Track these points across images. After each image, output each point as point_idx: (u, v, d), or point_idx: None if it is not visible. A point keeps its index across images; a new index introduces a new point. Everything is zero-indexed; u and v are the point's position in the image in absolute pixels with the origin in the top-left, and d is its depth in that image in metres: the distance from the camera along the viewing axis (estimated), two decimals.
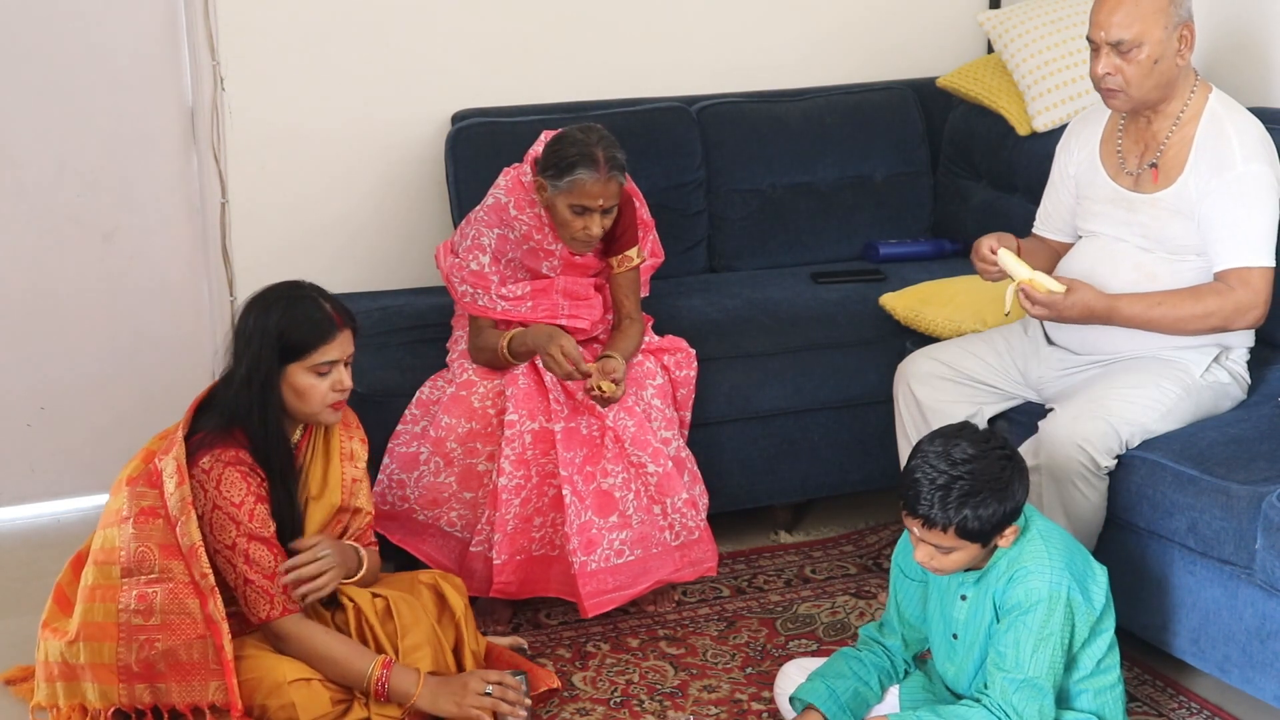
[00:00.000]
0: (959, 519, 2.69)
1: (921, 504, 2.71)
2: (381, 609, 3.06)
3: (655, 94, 4.53)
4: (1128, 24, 3.26)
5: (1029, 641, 2.74)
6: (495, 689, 2.93)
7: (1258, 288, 3.29)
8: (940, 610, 2.92)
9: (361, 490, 3.16)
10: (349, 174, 4.35)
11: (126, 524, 2.95)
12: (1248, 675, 3.05)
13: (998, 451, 2.75)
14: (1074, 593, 2.77)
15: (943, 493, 2.70)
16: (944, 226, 4.64)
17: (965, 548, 2.75)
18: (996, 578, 2.81)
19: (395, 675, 2.94)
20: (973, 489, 2.69)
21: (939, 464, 2.72)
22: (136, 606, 2.89)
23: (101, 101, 4.19)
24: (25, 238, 4.20)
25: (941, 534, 2.73)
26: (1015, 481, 2.74)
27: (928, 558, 2.78)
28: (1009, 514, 2.74)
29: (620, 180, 3.46)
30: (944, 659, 2.94)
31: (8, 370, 4.25)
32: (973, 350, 3.59)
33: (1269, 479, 3.02)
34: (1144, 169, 3.41)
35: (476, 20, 4.39)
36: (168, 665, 2.89)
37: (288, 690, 2.89)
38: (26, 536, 4.18)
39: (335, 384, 3.01)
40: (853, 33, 4.80)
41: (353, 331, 3.05)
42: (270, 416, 2.97)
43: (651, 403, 3.54)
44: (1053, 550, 2.79)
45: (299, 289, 3.04)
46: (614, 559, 3.46)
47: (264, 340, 2.95)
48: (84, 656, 2.94)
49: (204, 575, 2.88)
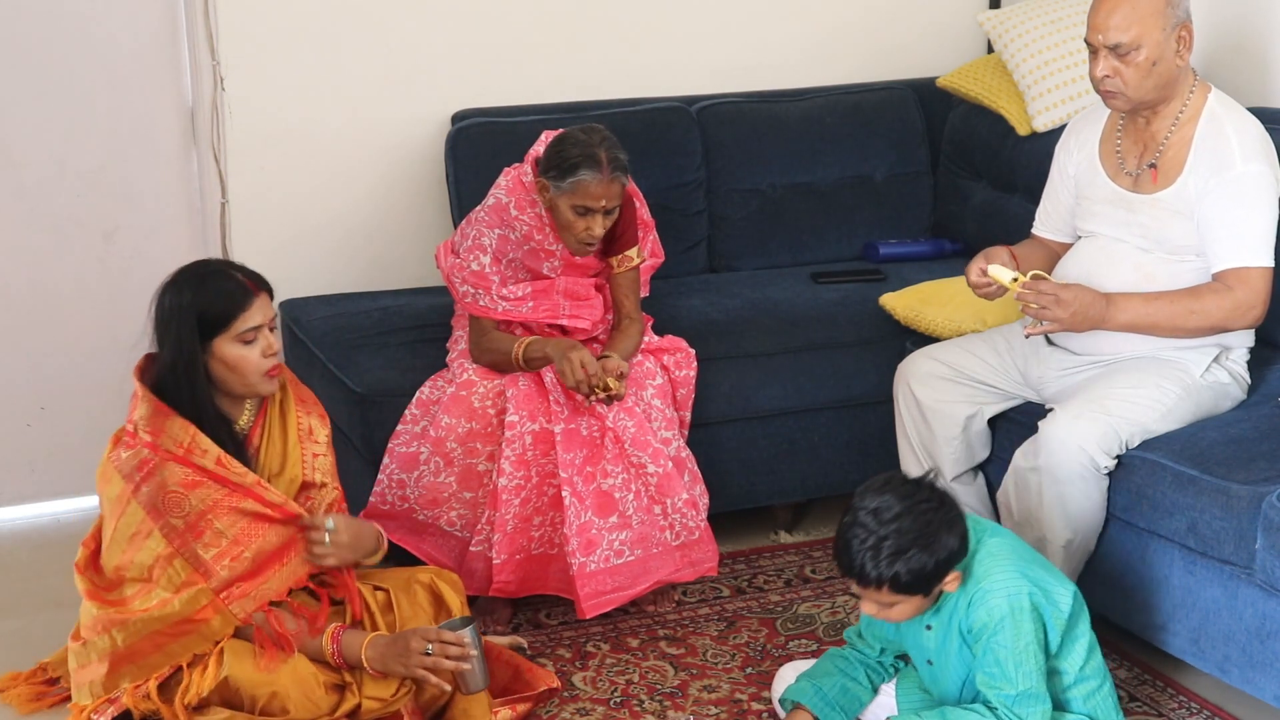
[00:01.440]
0: (890, 575, 2.70)
1: (854, 564, 2.72)
2: (383, 601, 3.07)
3: (655, 94, 4.53)
4: (1125, 26, 3.26)
5: (1009, 659, 2.74)
6: (435, 647, 2.92)
7: (1256, 288, 3.28)
8: (911, 639, 2.93)
9: (323, 465, 3.14)
10: (349, 174, 4.35)
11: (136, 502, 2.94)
12: (1248, 675, 3.05)
13: (924, 505, 2.73)
14: (1035, 596, 2.76)
15: (872, 552, 2.70)
16: (944, 226, 4.64)
17: (906, 600, 2.75)
18: (957, 606, 2.81)
19: (344, 641, 2.95)
20: (899, 546, 2.69)
21: (868, 521, 2.72)
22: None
23: (101, 101, 4.19)
24: (25, 238, 4.20)
25: (877, 591, 2.73)
26: (943, 532, 2.72)
27: (874, 611, 2.79)
28: (941, 564, 2.73)
29: (623, 181, 3.46)
30: (926, 679, 2.96)
31: (8, 370, 4.25)
32: (973, 350, 3.59)
33: (1269, 479, 3.02)
34: (1143, 169, 3.41)
35: (476, 20, 4.39)
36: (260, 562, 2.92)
37: (279, 682, 2.89)
38: (26, 536, 4.18)
39: (265, 349, 2.99)
40: (853, 33, 4.80)
41: (269, 295, 3.03)
42: (200, 396, 2.95)
43: (651, 403, 3.54)
44: (1003, 564, 2.78)
45: (206, 265, 3.04)
46: (613, 559, 3.46)
47: (182, 320, 2.93)
48: (179, 606, 2.91)
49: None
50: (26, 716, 3.22)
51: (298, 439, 3.11)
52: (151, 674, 2.93)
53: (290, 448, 3.10)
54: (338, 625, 2.99)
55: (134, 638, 2.92)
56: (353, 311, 4.01)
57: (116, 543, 2.95)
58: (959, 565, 2.77)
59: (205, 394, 2.97)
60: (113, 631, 2.93)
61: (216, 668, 2.90)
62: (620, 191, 3.47)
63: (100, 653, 2.95)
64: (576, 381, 3.36)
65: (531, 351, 3.47)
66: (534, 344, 3.47)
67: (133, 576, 2.94)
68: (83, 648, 2.99)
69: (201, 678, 2.90)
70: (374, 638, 2.96)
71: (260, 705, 2.91)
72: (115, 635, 2.93)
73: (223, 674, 2.89)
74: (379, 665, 2.94)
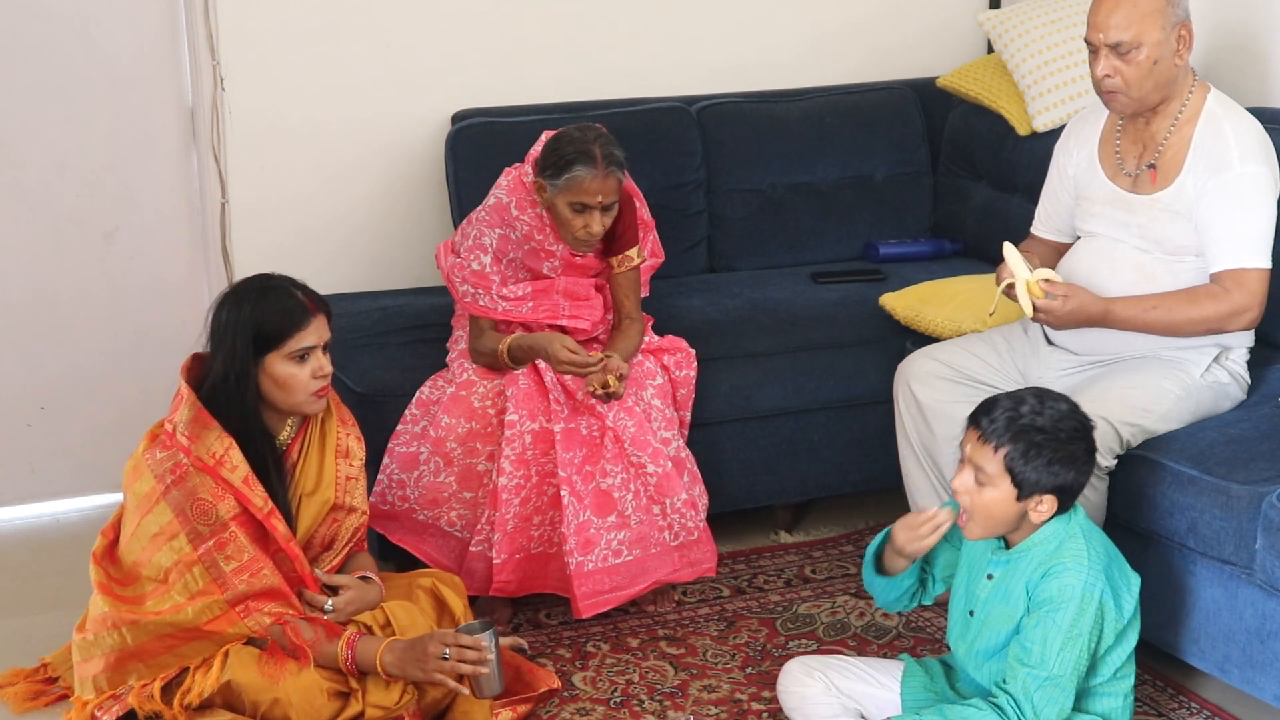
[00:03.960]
0: (1010, 447, 2.74)
1: (992, 411, 2.78)
2: (382, 618, 3.06)
3: (655, 94, 4.53)
4: (1126, 25, 3.26)
5: (1057, 638, 2.74)
6: (453, 651, 2.92)
7: (1253, 289, 3.28)
8: (965, 584, 2.93)
9: (356, 489, 3.15)
10: (349, 174, 4.35)
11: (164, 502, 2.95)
12: (1248, 675, 3.05)
13: (1080, 432, 2.79)
14: (1106, 596, 2.77)
15: (1012, 414, 2.76)
16: (944, 226, 4.64)
17: (1001, 488, 2.76)
18: (1031, 566, 2.80)
19: (360, 647, 2.95)
20: (1038, 426, 2.75)
21: (1029, 398, 2.80)
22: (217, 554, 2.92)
23: (101, 101, 4.19)
24: (25, 238, 4.20)
25: (991, 454, 2.76)
26: (1078, 461, 2.77)
27: (963, 485, 2.80)
28: (1052, 473, 2.75)
29: (618, 176, 3.46)
30: (957, 636, 2.95)
31: (8, 370, 4.25)
32: (973, 350, 3.59)
33: (1269, 479, 3.02)
34: (1142, 170, 3.41)
35: (476, 20, 4.39)
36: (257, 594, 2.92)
37: (281, 689, 2.89)
38: (26, 536, 4.18)
39: (316, 370, 3.01)
40: (853, 33, 4.80)
41: (327, 316, 3.04)
42: (249, 410, 2.97)
43: (651, 403, 3.54)
44: (1092, 551, 2.80)
45: (269, 280, 3.05)
46: (611, 559, 3.46)
47: (239, 333, 2.95)
48: (191, 614, 2.92)
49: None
50: (22, 716, 3.21)
51: (334, 458, 3.12)
52: (159, 673, 2.93)
53: (326, 467, 3.12)
54: (354, 632, 2.98)
55: (144, 637, 2.92)
56: (353, 311, 4.01)
57: (137, 539, 2.95)
58: (1057, 516, 2.79)
59: (254, 408, 2.98)
60: (123, 629, 2.93)
61: (220, 670, 2.90)
62: (616, 187, 3.46)
63: (108, 649, 2.95)
64: (569, 361, 3.36)
65: (515, 349, 3.47)
66: (518, 339, 3.47)
67: (148, 575, 2.94)
68: (89, 641, 2.99)
69: (204, 679, 2.90)
70: (391, 643, 2.95)
71: (262, 711, 2.90)
72: (125, 633, 2.93)
73: (225, 677, 2.89)
74: (396, 670, 2.93)
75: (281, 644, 2.92)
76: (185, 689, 2.91)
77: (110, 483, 3.81)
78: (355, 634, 2.97)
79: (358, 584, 3.08)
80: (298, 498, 3.09)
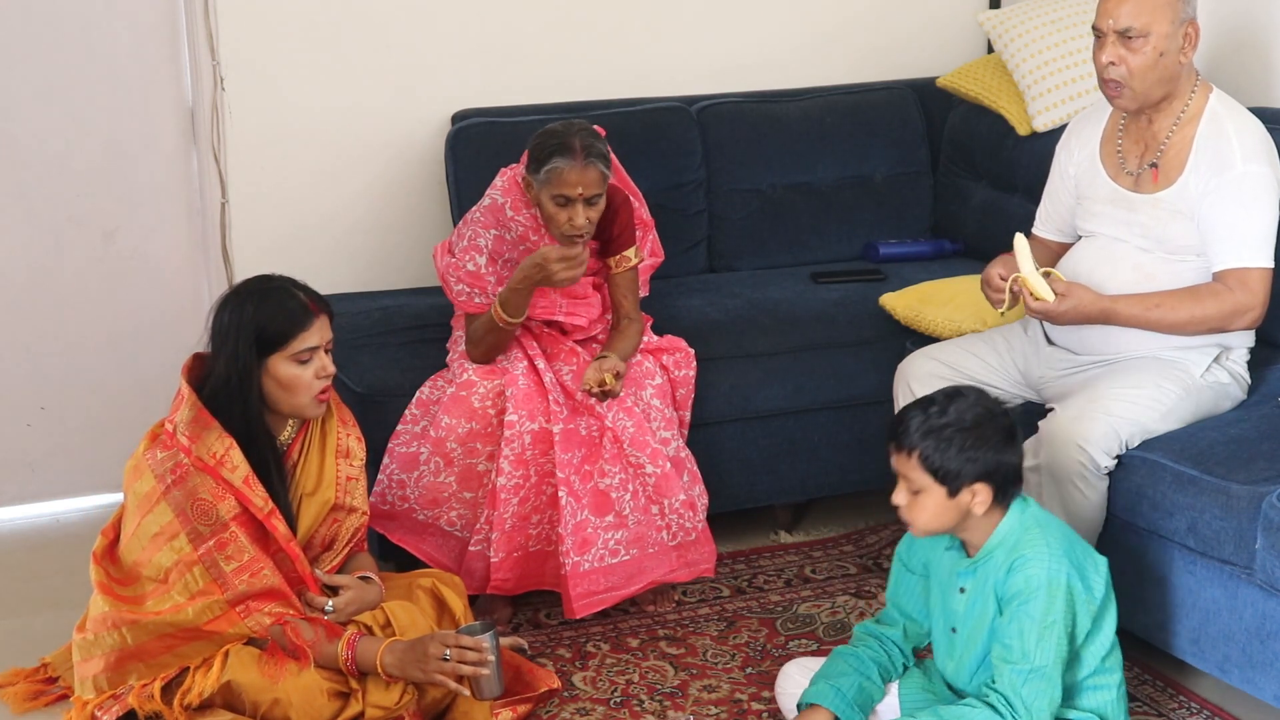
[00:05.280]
0: (922, 445, 2.76)
1: (902, 421, 2.82)
2: (382, 618, 3.06)
3: (655, 94, 4.53)
4: (1136, 13, 3.26)
5: (1033, 630, 2.74)
6: (454, 652, 2.92)
7: (1255, 289, 3.29)
8: (940, 604, 2.93)
9: (356, 489, 3.15)
10: (349, 173, 4.35)
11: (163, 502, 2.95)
12: (1248, 675, 3.05)
13: (992, 415, 2.80)
14: (1073, 579, 2.77)
15: (921, 416, 2.79)
16: (944, 226, 4.64)
17: (931, 491, 2.77)
18: (994, 568, 2.81)
19: (360, 648, 2.95)
20: (947, 423, 2.77)
21: (938, 398, 2.83)
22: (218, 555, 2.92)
23: (101, 101, 4.19)
24: (26, 238, 4.20)
25: (908, 460, 2.78)
26: (994, 442, 2.77)
27: (899, 500, 2.83)
28: (975, 465, 2.75)
29: (600, 168, 3.43)
30: (944, 655, 2.95)
31: (8, 369, 4.25)
32: (973, 350, 3.59)
33: (1269, 479, 3.02)
34: (1144, 169, 3.41)
35: (476, 20, 4.39)
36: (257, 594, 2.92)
37: (281, 689, 2.89)
38: (26, 536, 4.18)
39: (319, 371, 3.01)
40: (853, 32, 4.80)
41: (329, 317, 3.04)
42: (251, 412, 2.97)
43: (650, 403, 3.54)
44: (1050, 538, 2.80)
45: (270, 281, 3.04)
46: (608, 558, 3.46)
47: (241, 335, 2.95)
48: (191, 615, 2.92)
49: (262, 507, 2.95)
50: (22, 716, 3.21)
51: (334, 458, 3.12)
52: (160, 673, 2.93)
53: (326, 467, 3.12)
54: (355, 632, 2.98)
55: (145, 637, 2.92)
56: (353, 311, 4.01)
57: (138, 539, 2.95)
58: (1009, 511, 2.80)
59: (256, 410, 2.98)
60: (123, 629, 2.93)
61: (220, 670, 2.90)
62: (598, 179, 3.44)
63: (108, 648, 2.95)
64: (561, 257, 3.35)
65: (506, 295, 3.43)
66: (505, 287, 3.44)
67: (148, 575, 2.94)
68: (89, 641, 2.99)
69: (204, 679, 2.90)
70: (391, 643, 2.95)
71: (262, 711, 2.90)
72: (125, 633, 2.93)
73: (225, 677, 2.89)
74: (396, 671, 2.92)
75: (282, 644, 2.92)
76: (185, 689, 2.91)
77: (110, 482, 3.82)
78: (355, 634, 2.97)
79: (358, 584, 3.08)
80: (298, 498, 3.09)
